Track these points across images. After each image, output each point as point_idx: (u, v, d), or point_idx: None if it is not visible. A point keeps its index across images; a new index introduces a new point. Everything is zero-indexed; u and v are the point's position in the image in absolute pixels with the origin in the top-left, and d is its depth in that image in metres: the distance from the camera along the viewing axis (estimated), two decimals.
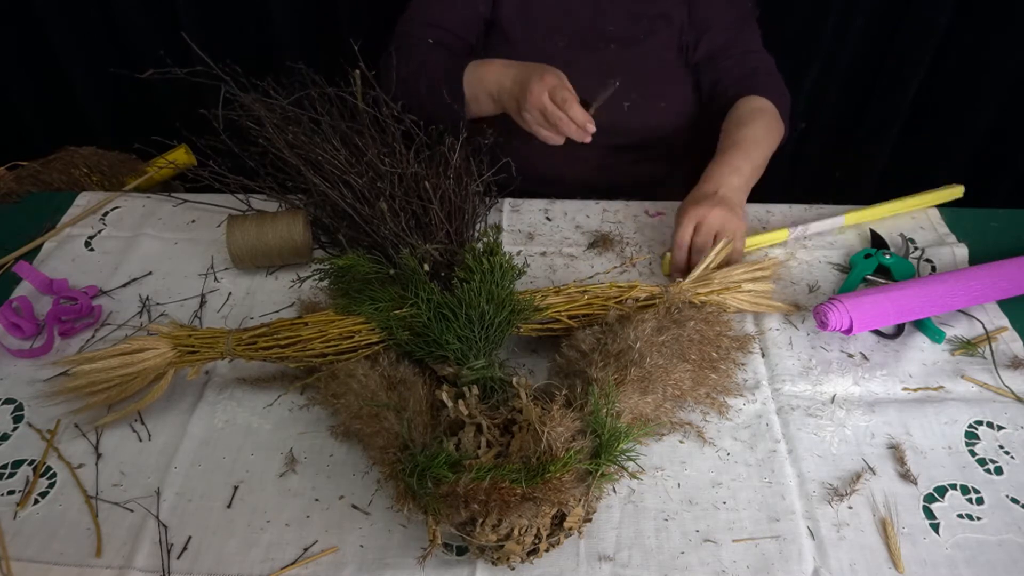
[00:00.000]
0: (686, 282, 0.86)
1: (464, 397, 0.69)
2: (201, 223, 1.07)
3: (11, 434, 0.78)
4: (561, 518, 0.63)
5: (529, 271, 0.98)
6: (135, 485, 0.73)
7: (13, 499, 0.72)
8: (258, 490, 0.72)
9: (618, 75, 1.02)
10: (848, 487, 0.72)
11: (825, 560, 0.66)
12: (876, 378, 0.83)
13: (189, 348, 0.76)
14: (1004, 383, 0.82)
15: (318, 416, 0.79)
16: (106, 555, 0.67)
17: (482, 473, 0.60)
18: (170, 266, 0.99)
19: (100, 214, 1.08)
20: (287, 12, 1.53)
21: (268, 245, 0.94)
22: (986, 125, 1.53)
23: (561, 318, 0.81)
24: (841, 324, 0.81)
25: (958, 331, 0.88)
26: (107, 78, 1.56)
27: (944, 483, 0.73)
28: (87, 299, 0.91)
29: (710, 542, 0.68)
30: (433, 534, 0.62)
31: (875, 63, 1.53)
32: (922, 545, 0.68)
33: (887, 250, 0.98)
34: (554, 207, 1.10)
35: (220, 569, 0.66)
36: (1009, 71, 1.44)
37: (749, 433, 0.77)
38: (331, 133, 0.94)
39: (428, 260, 0.84)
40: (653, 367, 0.74)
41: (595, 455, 0.64)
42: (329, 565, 0.66)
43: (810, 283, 0.96)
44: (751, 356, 0.86)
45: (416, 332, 0.76)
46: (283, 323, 0.78)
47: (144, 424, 0.78)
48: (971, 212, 1.08)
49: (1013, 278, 0.89)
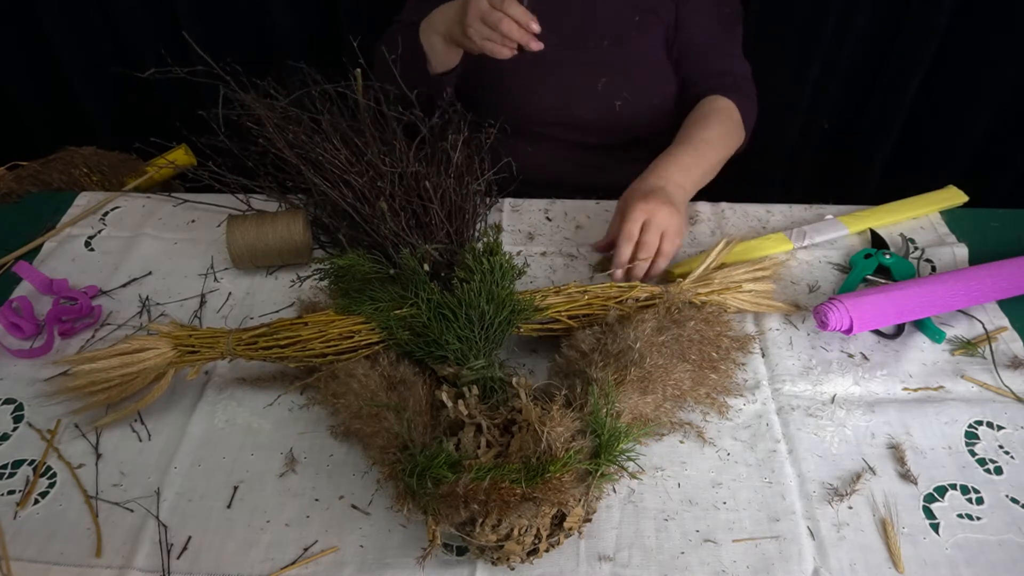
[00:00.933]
0: (686, 282, 0.86)
1: (464, 397, 0.69)
2: (201, 223, 1.07)
3: (11, 434, 0.78)
4: (561, 518, 0.63)
5: (529, 271, 0.98)
6: (135, 485, 0.73)
7: (13, 499, 0.72)
8: (258, 490, 0.72)
9: (609, 74, 1.02)
10: (848, 487, 0.72)
11: (825, 560, 0.66)
12: (876, 378, 0.83)
13: (189, 348, 0.76)
14: (1004, 383, 0.82)
15: (318, 416, 0.79)
16: (106, 555, 0.67)
17: (482, 473, 0.60)
18: (170, 266, 0.99)
19: (100, 214, 1.08)
20: (287, 13, 1.53)
21: (268, 245, 0.94)
22: (986, 125, 1.53)
23: (561, 318, 0.81)
24: (841, 324, 0.81)
25: (958, 331, 0.88)
26: (107, 78, 1.56)
27: (944, 483, 0.73)
28: (87, 299, 0.91)
29: (710, 542, 0.68)
30: (433, 534, 0.62)
31: (875, 63, 1.52)
32: (922, 545, 0.68)
33: (887, 250, 0.98)
34: (554, 207, 1.10)
35: (220, 569, 0.66)
36: (1009, 71, 1.44)
37: (749, 433, 0.77)
38: (332, 132, 0.94)
39: (428, 260, 0.84)
40: (653, 367, 0.74)
41: (595, 455, 0.64)
42: (329, 565, 0.66)
43: (810, 283, 0.96)
44: (751, 356, 0.86)
45: (416, 332, 0.76)
46: (283, 323, 0.78)
47: (144, 424, 0.78)
48: (971, 212, 1.08)
49: (1013, 278, 0.89)
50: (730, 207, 1.09)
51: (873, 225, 1.03)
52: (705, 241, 1.03)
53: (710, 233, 1.05)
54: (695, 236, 1.04)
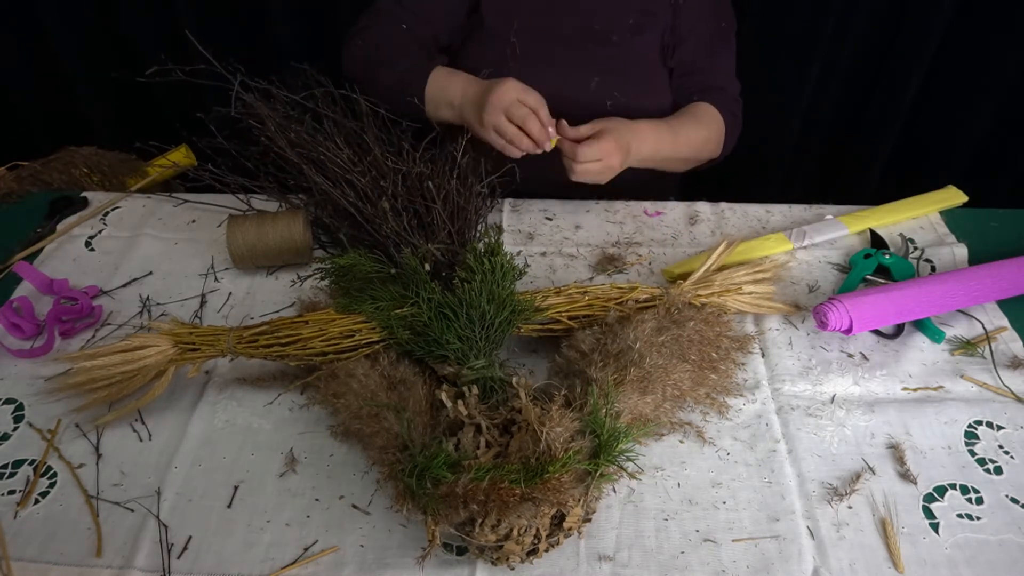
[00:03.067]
0: (687, 284, 0.86)
1: (464, 397, 0.69)
2: (201, 223, 1.07)
3: (11, 434, 0.78)
4: (560, 518, 0.63)
5: (529, 271, 0.98)
6: (135, 485, 0.73)
7: (13, 499, 0.72)
8: (258, 490, 0.72)
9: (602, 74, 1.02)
10: (848, 487, 0.72)
11: (825, 560, 0.66)
12: (876, 378, 0.83)
13: (190, 345, 0.76)
14: (1004, 383, 0.82)
15: (318, 416, 0.79)
16: (106, 555, 0.67)
17: (481, 473, 0.60)
18: (170, 266, 0.99)
19: (100, 214, 1.08)
20: (287, 13, 1.53)
21: (268, 245, 0.94)
22: (986, 125, 1.53)
23: (561, 318, 0.81)
24: (841, 324, 0.81)
25: (958, 331, 0.88)
26: (107, 78, 1.56)
27: (944, 483, 0.73)
28: (87, 299, 0.91)
29: (710, 542, 0.68)
30: (432, 534, 0.62)
31: (875, 63, 1.53)
32: (922, 545, 0.68)
33: (887, 250, 0.98)
34: (554, 207, 1.10)
35: (220, 569, 0.66)
36: (1008, 71, 1.44)
37: (749, 433, 0.77)
38: (335, 132, 0.94)
39: (429, 260, 0.84)
40: (653, 367, 0.74)
41: (594, 455, 0.64)
42: (329, 565, 0.66)
43: (810, 283, 0.96)
44: (751, 356, 0.86)
45: (417, 332, 0.77)
46: (284, 321, 0.78)
47: (144, 424, 0.78)
48: (971, 212, 1.08)
49: (1013, 278, 0.89)
50: (730, 207, 1.09)
51: (873, 225, 1.03)
52: (705, 241, 1.03)
53: (710, 233, 1.05)
54: (695, 236, 1.04)
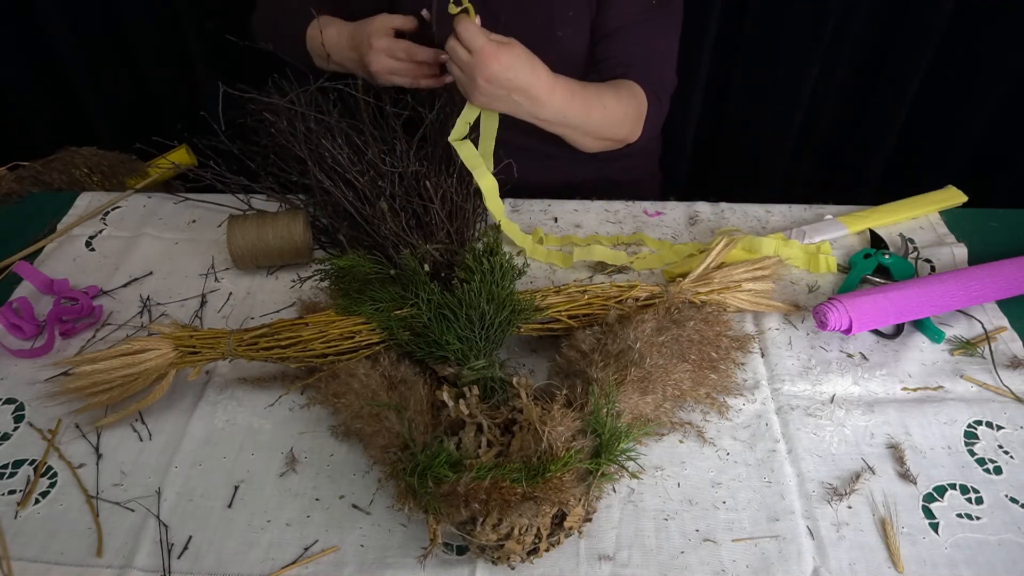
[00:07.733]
0: (686, 282, 0.86)
1: (464, 397, 0.69)
2: (202, 223, 1.07)
3: (12, 434, 0.78)
4: (561, 518, 0.63)
5: (529, 271, 0.98)
6: (136, 485, 0.73)
7: (14, 499, 0.72)
8: (258, 490, 0.73)
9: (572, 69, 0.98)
10: (848, 487, 0.72)
11: (825, 560, 0.67)
12: (876, 378, 0.83)
13: (190, 348, 0.76)
14: (1003, 383, 0.82)
15: (319, 416, 0.79)
16: (107, 555, 0.67)
17: (483, 472, 0.60)
18: (171, 266, 0.99)
19: (100, 214, 1.08)
20: None
21: (268, 245, 0.94)
22: (986, 125, 1.53)
23: (561, 318, 0.81)
24: (840, 324, 0.81)
25: (957, 331, 0.88)
26: (107, 78, 1.56)
27: (943, 483, 0.73)
28: (88, 299, 0.91)
29: (710, 542, 0.68)
30: (433, 533, 0.62)
31: (875, 63, 1.53)
32: (921, 545, 0.68)
33: (886, 250, 0.98)
34: (554, 207, 1.10)
35: (221, 569, 0.66)
36: (1008, 71, 1.44)
37: (749, 433, 0.78)
38: (337, 129, 0.94)
39: (428, 260, 0.84)
40: (653, 367, 0.74)
41: (595, 455, 0.64)
42: (329, 565, 0.66)
43: (810, 283, 0.96)
44: (751, 356, 0.86)
45: (417, 332, 0.77)
46: (284, 323, 0.78)
47: (145, 424, 0.79)
48: (971, 212, 1.08)
49: (1013, 278, 0.89)
50: (730, 207, 1.09)
51: (872, 225, 1.03)
52: (705, 241, 1.03)
53: (710, 233, 1.05)
54: (695, 236, 1.04)
